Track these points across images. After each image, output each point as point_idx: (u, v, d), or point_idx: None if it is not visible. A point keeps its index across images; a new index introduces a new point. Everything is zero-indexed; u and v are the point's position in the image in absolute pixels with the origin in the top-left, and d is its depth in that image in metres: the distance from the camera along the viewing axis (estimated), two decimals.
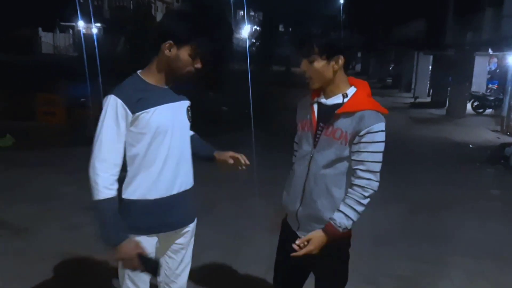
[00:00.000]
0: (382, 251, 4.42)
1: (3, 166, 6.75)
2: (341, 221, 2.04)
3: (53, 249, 4.08)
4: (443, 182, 7.13)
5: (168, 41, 2.00)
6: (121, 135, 2.00)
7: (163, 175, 2.09)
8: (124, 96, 1.98)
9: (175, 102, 2.13)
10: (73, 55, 34.71)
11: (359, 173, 2.02)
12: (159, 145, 2.06)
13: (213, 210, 5.18)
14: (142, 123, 2.01)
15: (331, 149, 2.05)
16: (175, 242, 2.29)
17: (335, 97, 2.08)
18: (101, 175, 1.95)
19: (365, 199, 2.03)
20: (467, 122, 14.45)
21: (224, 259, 4.04)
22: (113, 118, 1.97)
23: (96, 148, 1.98)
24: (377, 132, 1.99)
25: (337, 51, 2.03)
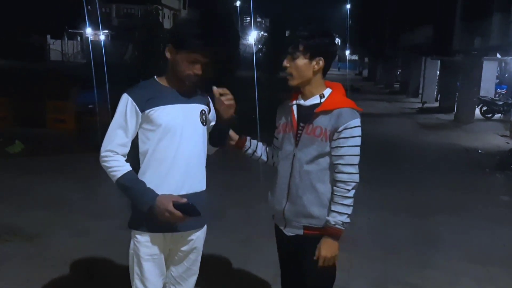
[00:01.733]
0: (390, 257, 4.40)
1: (12, 172, 6.80)
2: (336, 219, 2.16)
3: (62, 254, 4.10)
4: (452, 188, 7.09)
5: (168, 45, 2.14)
6: (128, 131, 2.13)
7: (171, 174, 2.17)
8: (135, 95, 2.14)
9: (186, 104, 2.20)
10: (81, 62, 34.98)
11: (340, 168, 2.17)
12: (168, 143, 2.15)
13: (221, 217, 5.18)
14: (151, 121, 2.13)
15: (313, 146, 2.20)
16: (181, 249, 2.32)
17: (313, 98, 2.25)
18: (110, 160, 2.13)
19: (349, 192, 2.17)
20: (476, 128, 14.35)
21: (232, 265, 4.04)
22: (122, 114, 2.13)
23: (105, 140, 2.15)
24: (354, 127, 2.15)
25: (320, 53, 2.19)
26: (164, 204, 2.07)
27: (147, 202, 2.10)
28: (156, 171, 2.16)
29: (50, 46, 42.46)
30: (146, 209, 2.11)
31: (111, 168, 2.13)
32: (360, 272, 4.03)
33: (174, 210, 2.07)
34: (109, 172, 2.14)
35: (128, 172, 2.13)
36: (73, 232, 4.64)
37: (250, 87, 11.06)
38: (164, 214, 2.08)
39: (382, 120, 15.42)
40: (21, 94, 10.93)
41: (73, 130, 10.12)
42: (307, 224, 2.26)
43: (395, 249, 4.61)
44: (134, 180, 2.14)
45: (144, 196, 2.12)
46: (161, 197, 2.10)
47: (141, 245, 2.23)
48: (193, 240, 2.33)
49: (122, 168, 2.12)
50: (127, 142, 2.15)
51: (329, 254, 2.20)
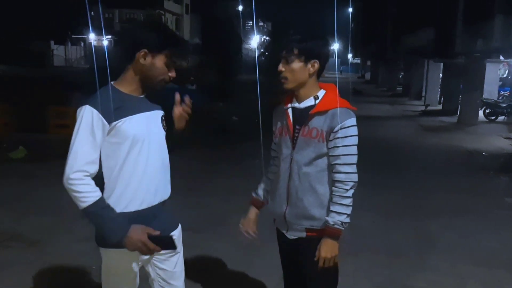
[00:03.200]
0: (395, 261, 4.37)
1: (15, 178, 6.81)
2: (334, 219, 2.17)
3: (64, 260, 4.09)
4: (456, 191, 7.04)
5: (143, 50, 2.03)
6: (96, 146, 1.98)
7: (143, 186, 2.07)
8: (99, 106, 1.98)
9: (149, 112, 2.14)
10: (84, 67, 35.10)
11: (338, 168, 2.18)
12: (137, 155, 2.05)
13: (223, 222, 5.16)
14: (118, 133, 2.00)
15: (310, 148, 2.21)
16: (161, 253, 2.20)
17: (307, 100, 2.26)
18: (79, 184, 1.93)
19: (347, 191, 2.18)
20: (479, 130, 14.30)
21: (235, 271, 4.02)
22: (88, 129, 1.96)
23: (70, 159, 1.95)
24: (349, 126, 2.17)
25: (314, 56, 2.21)
26: (138, 236, 1.97)
27: (118, 234, 1.97)
28: (127, 186, 2.04)
29: (54, 51, 42.68)
30: (116, 241, 1.97)
31: (80, 193, 1.93)
32: (364, 276, 4.00)
33: (148, 242, 1.98)
34: (77, 198, 1.94)
35: (99, 199, 1.95)
36: (75, 238, 4.62)
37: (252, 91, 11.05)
38: (137, 245, 1.98)
39: (385, 123, 15.39)
40: (24, 99, 10.94)
41: None
42: (309, 226, 2.26)
43: (399, 252, 4.58)
44: (106, 207, 1.97)
45: (116, 227, 1.97)
46: (134, 229, 1.98)
47: (115, 260, 2.12)
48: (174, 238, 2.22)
49: (94, 194, 1.95)
50: (96, 159, 1.98)
51: (329, 254, 2.19)
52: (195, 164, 7.86)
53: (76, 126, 1.98)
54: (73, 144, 1.97)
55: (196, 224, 4.95)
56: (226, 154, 9.17)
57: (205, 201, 5.95)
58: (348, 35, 39.04)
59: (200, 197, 6.09)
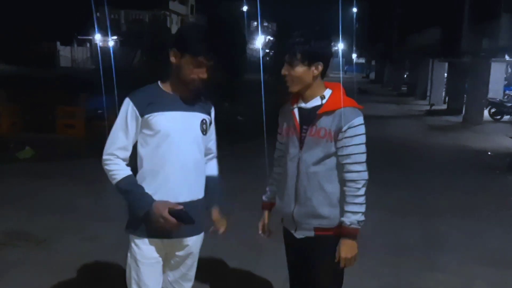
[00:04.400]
0: (402, 261, 4.36)
1: (23, 178, 6.84)
2: (351, 219, 2.17)
3: (72, 259, 4.10)
4: (463, 190, 7.02)
5: (173, 49, 2.15)
6: (129, 134, 2.15)
7: (169, 181, 2.16)
8: (136, 99, 2.15)
9: (187, 112, 2.20)
10: (90, 68, 35.21)
11: (348, 167, 2.18)
12: (166, 149, 2.15)
13: (230, 221, 5.17)
14: (149, 126, 2.14)
15: (318, 147, 2.21)
16: (177, 254, 2.32)
17: (314, 100, 2.26)
18: (110, 164, 2.15)
19: (359, 190, 2.18)
20: (485, 129, 14.25)
21: (242, 269, 4.03)
22: (123, 118, 2.15)
23: (107, 143, 2.18)
24: (357, 125, 2.17)
25: (317, 58, 2.19)
26: (159, 210, 2.09)
27: (144, 207, 2.12)
28: (155, 177, 2.17)
29: (60, 52, 42.82)
30: (142, 214, 2.13)
31: (111, 171, 2.16)
32: (371, 276, 4.00)
33: (168, 216, 2.09)
34: (109, 175, 2.17)
35: (127, 176, 2.15)
36: (82, 237, 4.65)
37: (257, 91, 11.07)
38: (159, 220, 2.10)
39: (391, 122, 15.35)
40: (31, 100, 11.00)
41: (82, 135, 10.16)
42: (317, 225, 2.26)
43: (406, 252, 4.57)
44: (133, 184, 2.16)
45: (141, 201, 2.13)
46: (158, 203, 2.12)
47: (139, 248, 2.23)
48: (189, 245, 2.32)
49: (122, 172, 2.15)
50: (128, 145, 2.17)
51: (350, 254, 2.21)
52: None
53: (118, 114, 2.18)
54: (111, 130, 2.18)
55: None
56: (231, 153, 9.16)
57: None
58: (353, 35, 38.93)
59: None
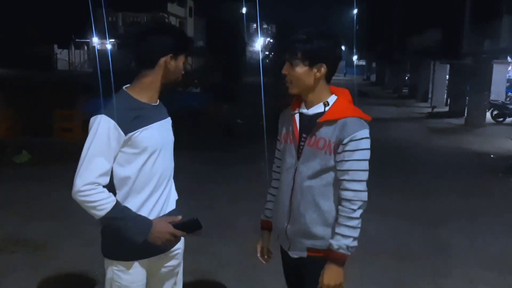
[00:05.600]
0: (405, 266, 4.29)
1: (19, 182, 6.78)
2: (339, 242, 1.94)
3: (69, 265, 4.05)
4: (465, 194, 6.95)
5: (169, 54, 2.00)
6: (110, 157, 1.91)
7: (153, 196, 2.02)
8: (117, 117, 1.89)
9: (163, 120, 2.10)
10: (88, 71, 35.21)
11: (345, 184, 1.95)
12: (152, 165, 1.99)
13: (231, 226, 5.11)
14: (135, 144, 1.93)
15: (316, 159, 1.99)
16: (165, 265, 2.18)
17: (317, 106, 2.04)
18: (93, 194, 1.86)
19: (355, 212, 1.94)
20: (487, 132, 14.19)
21: (241, 275, 3.96)
22: (103, 139, 1.88)
23: (82, 170, 1.88)
24: (360, 139, 1.93)
25: (320, 59, 1.97)
26: (164, 229, 1.95)
27: (143, 231, 1.93)
28: (137, 196, 1.98)
29: (57, 55, 42.83)
30: (142, 239, 1.93)
31: (96, 202, 1.86)
32: (372, 281, 3.94)
33: (176, 230, 1.97)
34: (93, 207, 1.87)
35: (116, 203, 1.90)
36: (80, 242, 4.58)
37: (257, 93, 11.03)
38: (165, 238, 1.96)
39: (392, 125, 15.29)
40: (28, 103, 10.94)
41: (80, 139, 10.02)
42: (310, 245, 2.04)
43: (408, 257, 4.50)
44: (124, 209, 1.93)
45: (139, 226, 1.93)
46: (157, 222, 1.97)
47: (124, 273, 2.03)
48: (178, 253, 2.21)
49: (110, 200, 1.88)
50: (109, 171, 1.92)
51: (333, 282, 1.96)
52: (200, 167, 7.81)
53: (91, 135, 1.89)
54: (86, 154, 1.88)
55: None
56: (231, 157, 9.11)
57: (210, 204, 5.89)
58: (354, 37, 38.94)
59: (204, 200, 6.03)
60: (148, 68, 2.01)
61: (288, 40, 2.04)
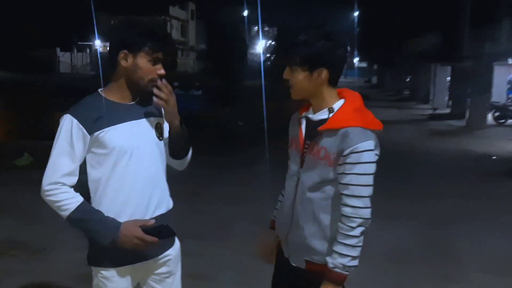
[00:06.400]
0: (404, 269, 4.27)
1: (20, 185, 6.77)
2: (336, 261, 1.80)
3: (68, 269, 4.02)
4: (466, 196, 6.92)
5: (123, 51, 1.90)
6: (75, 157, 1.88)
7: (131, 201, 1.94)
8: (80, 116, 1.87)
9: (139, 120, 1.98)
10: (90, 74, 35.26)
11: (345, 199, 1.80)
12: (125, 167, 1.91)
13: (230, 230, 5.10)
14: (101, 144, 1.88)
15: (316, 170, 1.86)
16: (155, 273, 2.09)
17: (321, 112, 1.89)
18: (57, 193, 1.86)
19: (353, 230, 1.79)
20: (488, 133, 14.16)
21: (242, 279, 3.94)
22: (66, 139, 1.87)
23: (47, 170, 1.88)
24: (363, 151, 1.76)
25: (320, 63, 1.82)
26: (131, 232, 1.86)
27: (109, 233, 1.86)
28: (114, 200, 1.92)
29: (60, 58, 42.91)
30: (109, 241, 1.86)
31: (60, 202, 1.85)
32: (372, 284, 3.92)
33: (144, 235, 1.86)
34: (57, 206, 1.86)
35: (81, 204, 1.86)
36: (80, 246, 4.51)
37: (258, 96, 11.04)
38: (133, 242, 1.86)
39: (393, 127, 15.26)
40: (30, 106, 10.97)
41: None
42: (309, 258, 1.92)
43: (408, 260, 4.48)
44: (90, 211, 1.88)
45: (105, 227, 1.86)
46: (125, 225, 1.88)
47: (108, 281, 1.98)
48: (169, 260, 2.10)
49: (74, 200, 1.86)
50: (75, 170, 1.88)
51: None
52: (200, 170, 7.75)
53: (56, 135, 1.90)
54: (51, 155, 1.89)
55: (201, 231, 4.88)
56: (232, 159, 9.10)
57: (209, 208, 5.89)
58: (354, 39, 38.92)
59: (204, 203, 6.02)
60: (112, 66, 1.95)
61: (286, 43, 1.96)
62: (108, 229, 1.87)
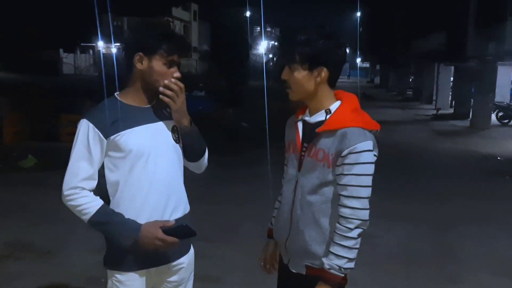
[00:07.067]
0: (413, 271, 4.25)
1: (25, 187, 6.78)
2: (332, 262, 1.78)
3: (77, 272, 4.02)
4: (472, 197, 6.89)
5: (138, 54, 1.90)
6: (93, 161, 1.89)
7: (149, 204, 1.94)
8: (96, 120, 1.89)
9: (156, 122, 1.99)
10: (93, 75, 35.32)
11: (343, 200, 1.80)
12: (141, 170, 1.92)
13: (236, 231, 5.09)
14: (118, 147, 1.90)
15: (315, 172, 1.85)
16: (167, 280, 2.10)
17: (318, 114, 1.89)
18: (77, 198, 1.88)
19: (351, 231, 1.77)
20: (492, 134, 14.12)
21: (249, 281, 3.92)
22: (84, 144, 1.89)
23: (67, 175, 1.90)
24: (361, 152, 1.76)
25: (320, 62, 1.82)
26: (152, 233, 1.86)
27: (130, 234, 1.87)
28: (131, 203, 1.93)
29: (63, 59, 43.01)
30: (130, 243, 1.87)
31: (80, 206, 1.87)
32: (380, 286, 3.90)
33: (165, 236, 1.86)
34: (78, 211, 1.89)
35: (101, 207, 1.88)
36: (87, 248, 4.56)
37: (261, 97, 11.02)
38: (154, 243, 1.87)
39: (396, 127, 15.24)
40: (34, 108, 10.97)
41: None
42: (309, 263, 1.90)
43: (416, 262, 4.46)
44: (110, 213, 1.90)
45: (126, 229, 1.88)
46: (146, 226, 1.88)
47: (122, 284, 1.98)
48: (182, 268, 2.10)
49: (94, 204, 1.88)
50: (93, 174, 1.90)
51: None
52: (205, 171, 7.77)
53: (74, 141, 1.92)
54: (70, 160, 1.91)
55: (207, 233, 4.86)
56: (236, 160, 9.10)
57: (215, 209, 5.88)
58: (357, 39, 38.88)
59: (210, 204, 6.01)
60: (128, 68, 1.95)
61: (286, 43, 1.94)
62: (129, 231, 1.89)
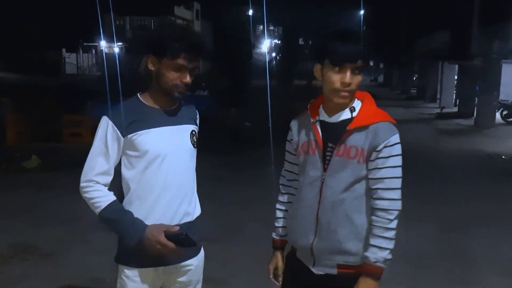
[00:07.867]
0: (419, 273, 4.21)
1: (29, 188, 6.78)
2: (377, 255, 1.83)
3: (80, 273, 4.02)
4: (479, 197, 6.84)
5: (149, 56, 1.95)
6: (109, 158, 1.95)
7: (160, 205, 1.98)
8: (116, 118, 1.95)
9: (174, 126, 2.02)
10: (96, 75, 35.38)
11: (380, 193, 1.84)
12: (155, 171, 1.96)
13: (240, 232, 5.07)
14: (134, 147, 1.95)
15: (347, 170, 1.86)
16: (177, 280, 2.11)
17: (342, 113, 1.90)
18: (91, 191, 1.94)
19: (391, 222, 1.84)
20: (497, 132, 14.05)
21: (253, 283, 3.90)
22: (102, 140, 1.95)
23: (84, 168, 1.97)
24: (394, 145, 1.84)
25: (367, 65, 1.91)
26: (155, 236, 1.89)
27: (135, 235, 1.91)
28: (143, 202, 1.97)
29: (66, 59, 43.11)
30: (135, 243, 1.91)
31: (93, 199, 1.93)
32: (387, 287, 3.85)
33: (166, 241, 1.88)
34: (91, 204, 1.94)
35: (112, 203, 1.93)
36: (91, 249, 4.55)
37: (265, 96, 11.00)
38: (155, 246, 1.89)
39: (401, 126, 14.93)
40: (37, 108, 10.98)
41: (89, 144, 10.06)
42: (342, 262, 1.90)
43: (422, 263, 4.42)
44: (120, 211, 1.95)
45: (132, 229, 1.92)
46: (151, 228, 1.91)
47: (130, 280, 2.02)
48: (190, 270, 2.11)
49: (106, 199, 1.93)
50: (109, 170, 1.96)
51: None
52: (208, 171, 7.72)
53: (94, 137, 1.99)
54: (89, 154, 1.98)
55: (213, 235, 4.82)
56: (240, 160, 9.07)
57: (219, 210, 5.84)
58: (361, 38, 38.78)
59: (214, 205, 5.96)
60: (145, 70, 1.99)
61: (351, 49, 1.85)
62: (134, 231, 1.92)
